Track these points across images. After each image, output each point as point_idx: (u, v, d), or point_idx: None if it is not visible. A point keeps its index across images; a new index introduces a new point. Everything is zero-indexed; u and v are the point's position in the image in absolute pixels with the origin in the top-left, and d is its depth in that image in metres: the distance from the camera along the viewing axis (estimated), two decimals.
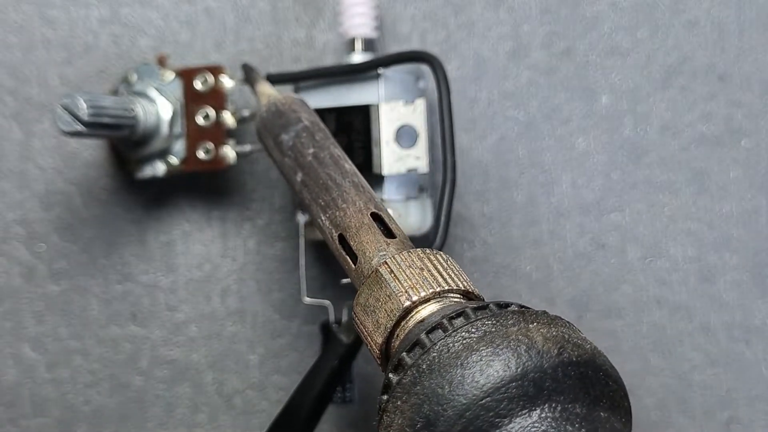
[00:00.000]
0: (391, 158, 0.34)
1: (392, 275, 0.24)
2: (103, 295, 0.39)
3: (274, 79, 0.36)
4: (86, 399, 0.39)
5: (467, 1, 0.39)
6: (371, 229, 0.26)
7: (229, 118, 0.36)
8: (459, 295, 0.24)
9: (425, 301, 0.23)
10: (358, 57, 0.36)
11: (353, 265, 0.26)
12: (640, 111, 0.39)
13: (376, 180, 0.34)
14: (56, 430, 0.39)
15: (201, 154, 0.36)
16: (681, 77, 0.38)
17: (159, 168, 0.36)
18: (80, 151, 0.39)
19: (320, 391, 0.33)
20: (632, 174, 0.38)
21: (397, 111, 0.34)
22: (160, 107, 0.36)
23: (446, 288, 0.24)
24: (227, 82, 0.36)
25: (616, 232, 0.38)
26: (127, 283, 0.39)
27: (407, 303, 0.23)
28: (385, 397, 0.21)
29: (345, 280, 0.34)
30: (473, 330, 0.21)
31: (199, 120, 0.36)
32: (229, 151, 0.36)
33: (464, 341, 0.20)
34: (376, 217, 0.26)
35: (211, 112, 0.36)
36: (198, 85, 0.36)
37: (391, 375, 0.22)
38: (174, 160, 0.36)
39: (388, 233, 0.26)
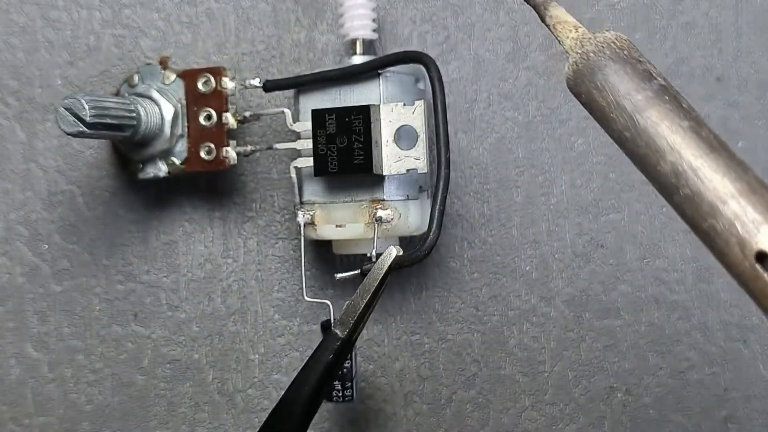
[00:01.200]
0: (391, 159, 0.34)
1: None
2: (106, 294, 0.39)
3: (271, 86, 0.36)
4: (89, 398, 0.39)
5: (467, 3, 0.39)
6: None
7: (230, 119, 0.36)
8: None
9: None
10: (359, 59, 0.36)
11: None
12: None
13: (376, 180, 0.34)
14: (59, 428, 0.39)
15: (203, 155, 0.36)
16: (678, 79, 0.39)
17: (161, 168, 0.36)
18: (83, 152, 0.39)
19: (315, 386, 0.32)
20: (630, 174, 0.38)
21: (396, 112, 0.34)
22: (162, 108, 0.36)
23: None
24: (228, 83, 0.36)
25: (614, 232, 0.39)
26: (129, 283, 0.39)
27: None
28: None
29: (340, 275, 0.34)
30: None
31: (201, 121, 0.36)
32: (231, 152, 0.36)
33: None
34: None
35: (213, 113, 0.36)
36: (200, 86, 0.36)
37: None
38: (176, 160, 0.36)
39: None
